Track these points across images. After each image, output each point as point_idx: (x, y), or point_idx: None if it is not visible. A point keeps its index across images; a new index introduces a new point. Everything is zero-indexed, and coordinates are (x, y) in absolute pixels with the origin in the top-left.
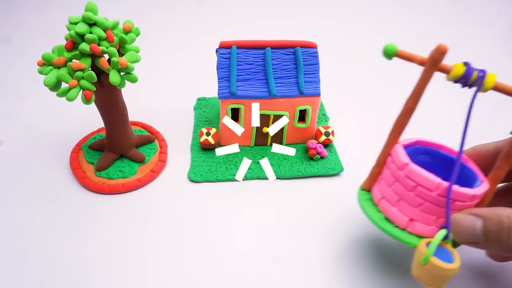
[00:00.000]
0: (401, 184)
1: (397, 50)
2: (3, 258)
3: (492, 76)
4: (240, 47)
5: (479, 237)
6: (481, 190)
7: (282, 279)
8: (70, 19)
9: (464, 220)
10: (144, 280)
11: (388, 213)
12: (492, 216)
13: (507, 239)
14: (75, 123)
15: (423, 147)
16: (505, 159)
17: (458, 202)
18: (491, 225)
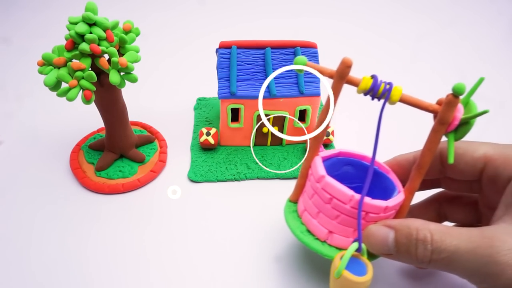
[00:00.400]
0: (319, 197)
1: (307, 63)
2: (3, 258)
3: (398, 90)
4: (240, 47)
5: (392, 248)
6: (394, 202)
7: (282, 279)
8: (70, 19)
9: (377, 232)
10: (144, 280)
11: (309, 225)
12: (402, 228)
13: (415, 251)
14: (75, 123)
15: (347, 158)
16: (417, 170)
17: (371, 214)
18: (401, 237)
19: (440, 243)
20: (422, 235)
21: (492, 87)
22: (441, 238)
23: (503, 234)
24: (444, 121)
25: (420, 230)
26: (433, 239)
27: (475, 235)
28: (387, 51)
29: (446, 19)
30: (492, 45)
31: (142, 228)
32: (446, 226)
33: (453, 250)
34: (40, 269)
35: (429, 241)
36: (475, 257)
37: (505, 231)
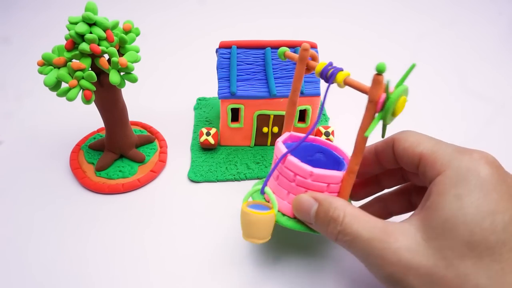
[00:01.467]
0: (284, 178)
1: (285, 52)
2: (2, 258)
3: (342, 74)
4: (240, 47)
5: (312, 219)
6: (322, 172)
7: (282, 279)
8: (70, 19)
9: (304, 201)
10: (144, 280)
11: (281, 207)
12: (325, 203)
13: (326, 227)
14: (75, 123)
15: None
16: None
17: (299, 177)
18: (321, 211)
19: (347, 225)
20: (336, 214)
21: (492, 87)
22: (350, 222)
23: (399, 233)
24: (372, 99)
25: (337, 209)
26: (343, 221)
27: (378, 227)
28: (387, 51)
29: (446, 19)
30: (492, 45)
31: (142, 228)
32: (361, 211)
33: (355, 235)
34: (40, 269)
35: (340, 221)
36: (369, 247)
37: (402, 231)
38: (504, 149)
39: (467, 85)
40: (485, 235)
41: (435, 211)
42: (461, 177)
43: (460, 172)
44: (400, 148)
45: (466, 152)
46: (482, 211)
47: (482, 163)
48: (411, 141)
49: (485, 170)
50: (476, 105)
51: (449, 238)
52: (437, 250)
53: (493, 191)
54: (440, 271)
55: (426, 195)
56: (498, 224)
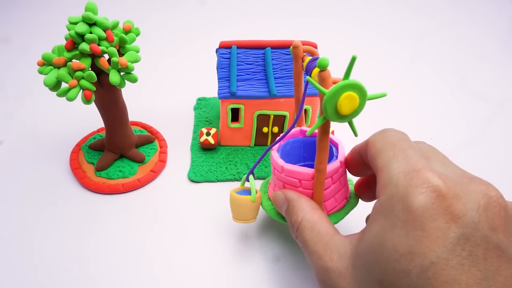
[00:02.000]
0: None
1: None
2: (3, 258)
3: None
4: (240, 47)
5: (285, 216)
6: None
7: (282, 279)
8: (70, 19)
9: (277, 198)
10: (144, 280)
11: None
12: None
13: (291, 227)
14: (75, 123)
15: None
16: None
17: (276, 171)
18: (288, 212)
19: (301, 232)
20: (294, 218)
21: (492, 87)
22: (303, 229)
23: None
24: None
25: (297, 213)
26: (299, 226)
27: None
28: (387, 51)
29: (446, 19)
30: (492, 45)
31: (142, 228)
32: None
33: (304, 244)
34: (40, 269)
35: (296, 226)
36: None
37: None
38: (504, 149)
39: (467, 85)
40: (396, 278)
41: (363, 239)
42: (390, 206)
43: (392, 198)
44: (368, 156)
45: (414, 172)
46: (399, 251)
47: (421, 190)
48: (377, 148)
49: (420, 200)
50: (476, 105)
51: (367, 272)
52: (357, 281)
53: (420, 228)
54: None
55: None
56: (413, 268)
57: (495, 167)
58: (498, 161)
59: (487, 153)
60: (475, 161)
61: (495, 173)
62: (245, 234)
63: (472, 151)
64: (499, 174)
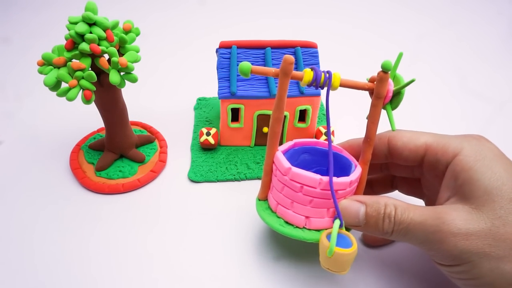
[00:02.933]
0: (290, 188)
1: (251, 67)
2: (3, 258)
3: (337, 76)
4: (240, 47)
5: (362, 221)
6: (355, 175)
7: (282, 279)
8: (70, 19)
9: (350, 206)
10: (144, 280)
11: (286, 216)
12: (372, 203)
13: (382, 224)
14: (75, 123)
15: (302, 147)
16: (366, 142)
17: (340, 191)
18: (372, 211)
19: (400, 216)
20: (388, 210)
21: (492, 87)
22: (401, 212)
23: (449, 209)
24: (380, 95)
25: (387, 205)
26: (396, 213)
27: (428, 210)
28: (387, 51)
29: (446, 19)
30: (492, 45)
31: (142, 228)
32: (408, 203)
33: (409, 221)
34: (40, 269)
35: (393, 215)
36: (425, 227)
37: (451, 207)
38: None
39: (467, 85)
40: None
41: (472, 183)
42: (479, 153)
43: (475, 149)
44: (399, 143)
45: (466, 136)
46: (509, 172)
47: (485, 141)
48: (408, 136)
49: (490, 145)
50: (476, 105)
51: (497, 200)
52: (490, 212)
53: (504, 158)
54: (499, 229)
55: (450, 176)
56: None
57: None
58: None
59: None
60: None
61: None
62: (245, 234)
63: None
64: None
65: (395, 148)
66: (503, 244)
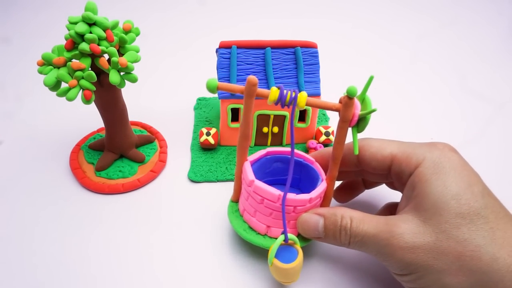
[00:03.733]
0: (253, 198)
1: (218, 84)
2: (3, 258)
3: (303, 96)
4: (240, 47)
5: (321, 233)
6: (316, 193)
7: None
8: (70, 19)
9: (309, 219)
10: (144, 280)
11: (250, 222)
12: (330, 216)
13: (339, 236)
14: (75, 123)
15: (275, 155)
16: (332, 161)
17: (299, 207)
18: (329, 223)
19: (355, 228)
20: (344, 222)
21: (492, 87)
22: (357, 225)
23: (399, 221)
24: (345, 119)
25: (343, 217)
26: (351, 225)
27: (381, 222)
28: (387, 51)
29: (446, 19)
30: (492, 45)
31: (142, 228)
32: (364, 214)
33: (363, 234)
34: (40, 269)
35: (349, 227)
36: (377, 240)
37: (402, 219)
38: (503, 149)
39: (467, 85)
40: (470, 204)
41: (425, 196)
42: (437, 165)
43: (435, 161)
44: (367, 154)
45: (431, 145)
46: (462, 186)
47: (447, 151)
48: (375, 146)
49: (452, 156)
50: (475, 105)
51: (443, 214)
52: (435, 226)
53: (464, 170)
54: (443, 243)
55: (409, 186)
56: (477, 193)
57: (494, 167)
58: (498, 161)
59: (487, 153)
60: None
61: (495, 173)
62: None
63: (472, 151)
64: (499, 174)
65: (363, 158)
66: (445, 258)
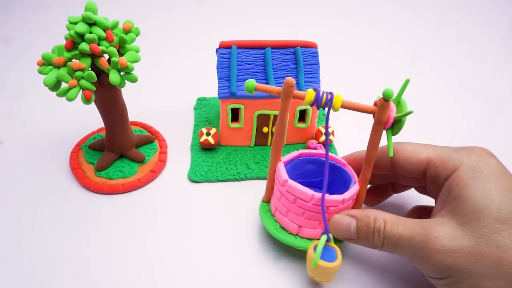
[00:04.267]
0: (286, 198)
1: (256, 85)
2: (2, 258)
3: (339, 98)
4: (240, 47)
5: (353, 234)
6: (349, 194)
7: (282, 279)
8: (70, 19)
9: (342, 220)
10: (143, 280)
11: (282, 222)
12: (363, 217)
13: (372, 238)
14: (75, 123)
15: (307, 157)
16: (366, 163)
17: (332, 207)
18: (362, 225)
19: (389, 231)
20: (378, 224)
21: (492, 87)
22: (391, 227)
23: (435, 224)
24: (380, 121)
25: (377, 220)
26: (385, 227)
27: (416, 225)
28: (387, 51)
29: (446, 19)
30: (492, 45)
31: (142, 228)
32: (397, 216)
33: (398, 237)
34: (40, 269)
35: (382, 229)
36: (412, 243)
37: (438, 223)
38: (504, 149)
39: (467, 85)
40: (511, 210)
41: (463, 200)
42: (475, 170)
43: (473, 166)
44: (401, 158)
45: (468, 149)
46: (501, 192)
47: (485, 156)
48: (410, 150)
49: (491, 161)
50: (476, 105)
51: (483, 219)
52: (474, 231)
53: (503, 175)
54: (482, 248)
55: (446, 190)
56: None
57: None
58: None
59: None
60: None
61: None
62: (245, 234)
63: None
64: None
65: (397, 162)
66: (484, 262)
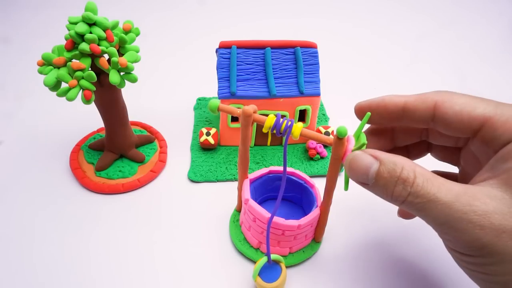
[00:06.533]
0: (247, 215)
1: (219, 105)
2: (2, 258)
3: (298, 127)
4: (240, 47)
5: (370, 179)
6: (306, 220)
7: None
8: (70, 19)
9: (362, 159)
10: (144, 280)
11: (246, 235)
12: (388, 162)
13: (392, 188)
14: (75, 123)
15: (276, 174)
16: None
17: (287, 231)
18: (384, 171)
19: (420, 187)
20: (405, 174)
21: (492, 87)
22: (422, 183)
23: (484, 196)
24: (337, 156)
25: (405, 169)
26: (415, 181)
27: (456, 189)
28: (387, 51)
29: (446, 19)
30: (492, 45)
31: (142, 228)
32: (431, 173)
33: (430, 197)
34: (40, 269)
35: (410, 183)
36: (450, 210)
37: (488, 194)
38: None
39: (467, 85)
40: None
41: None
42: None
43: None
44: (450, 112)
45: None
46: None
47: None
48: (461, 103)
49: None
50: None
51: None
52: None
53: None
54: None
55: (501, 157)
56: None
57: None
58: None
59: None
60: None
61: None
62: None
63: None
64: None
65: (443, 117)
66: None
